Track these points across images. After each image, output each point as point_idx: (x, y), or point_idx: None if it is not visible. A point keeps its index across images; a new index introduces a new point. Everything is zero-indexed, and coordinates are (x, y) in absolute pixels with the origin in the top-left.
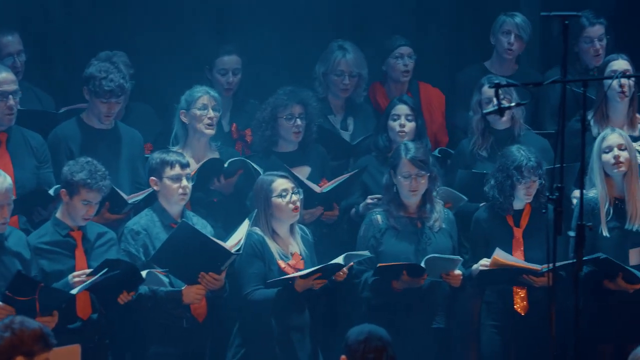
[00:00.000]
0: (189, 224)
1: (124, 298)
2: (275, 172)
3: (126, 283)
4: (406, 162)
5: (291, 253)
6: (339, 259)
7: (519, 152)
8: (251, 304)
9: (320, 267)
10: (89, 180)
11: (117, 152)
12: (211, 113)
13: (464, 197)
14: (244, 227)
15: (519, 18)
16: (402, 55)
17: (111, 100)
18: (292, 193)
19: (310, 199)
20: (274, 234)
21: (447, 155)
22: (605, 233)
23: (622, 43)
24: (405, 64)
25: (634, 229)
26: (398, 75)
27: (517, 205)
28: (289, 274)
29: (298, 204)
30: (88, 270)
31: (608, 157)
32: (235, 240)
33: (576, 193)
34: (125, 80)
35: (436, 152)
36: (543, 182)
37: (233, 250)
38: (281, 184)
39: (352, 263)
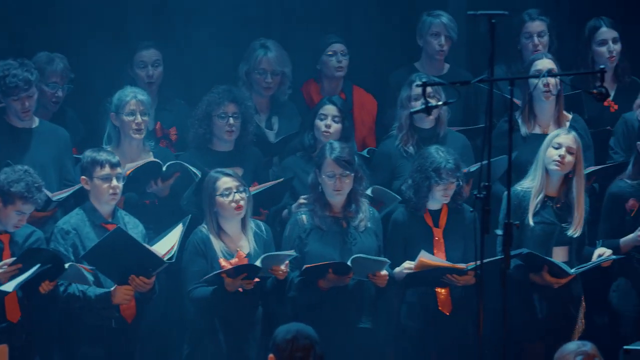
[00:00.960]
0: (124, 230)
1: (45, 287)
2: (222, 170)
3: (47, 272)
4: (330, 161)
5: (236, 251)
6: (257, 262)
7: (438, 154)
8: (192, 302)
9: (238, 267)
10: (26, 194)
11: (42, 150)
12: (139, 119)
13: (397, 197)
14: (177, 232)
15: (445, 18)
16: (336, 52)
17: (20, 95)
18: (235, 192)
19: None
20: (220, 232)
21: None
22: (531, 222)
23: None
24: (339, 61)
25: (575, 236)
26: (332, 72)
27: (434, 205)
28: None
29: (242, 202)
30: (10, 260)
31: (553, 153)
32: (168, 247)
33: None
34: (30, 72)
35: (365, 152)
36: (460, 183)
37: (165, 258)
38: (225, 182)
39: (287, 262)
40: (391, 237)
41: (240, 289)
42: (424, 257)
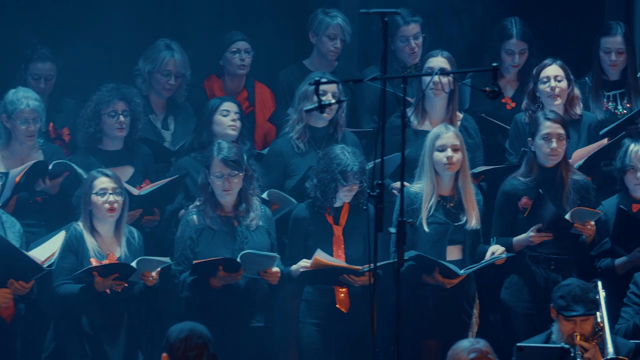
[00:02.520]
0: (3, 238)
1: None
2: (103, 170)
3: None
4: (218, 162)
5: (108, 253)
6: (133, 263)
7: (344, 155)
8: (58, 298)
9: (111, 265)
10: None
11: None
12: (32, 127)
13: (293, 200)
14: (59, 238)
15: (340, 19)
16: (239, 50)
17: None
18: (110, 193)
19: (129, 201)
20: (94, 231)
21: None
22: (426, 229)
23: (439, 41)
24: (242, 59)
25: (468, 228)
26: (234, 69)
27: (336, 203)
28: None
29: (115, 205)
30: None
31: (441, 157)
32: (49, 253)
33: (395, 185)
34: None
35: (266, 151)
36: (364, 184)
37: (45, 265)
38: (102, 182)
39: (159, 269)
40: (291, 233)
41: (108, 291)
42: (320, 256)
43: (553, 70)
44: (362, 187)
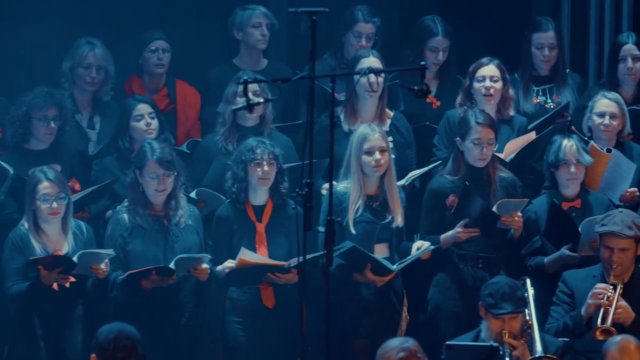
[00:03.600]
0: None
1: None
2: (45, 172)
3: None
4: (153, 163)
5: (54, 250)
6: (75, 257)
7: (252, 139)
8: (11, 299)
9: (52, 256)
10: None
11: None
12: None
13: (222, 197)
14: None
15: (262, 8)
16: (157, 49)
17: None
18: (53, 199)
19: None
20: (39, 231)
21: (196, 146)
22: (352, 230)
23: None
24: (160, 58)
25: (394, 226)
26: (152, 68)
27: (257, 200)
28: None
29: (59, 210)
30: None
31: (369, 160)
32: None
33: (326, 186)
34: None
35: (184, 147)
36: (280, 166)
37: None
38: (45, 187)
39: (107, 261)
40: (215, 232)
41: (56, 286)
42: (245, 255)
43: (489, 70)
44: (280, 175)
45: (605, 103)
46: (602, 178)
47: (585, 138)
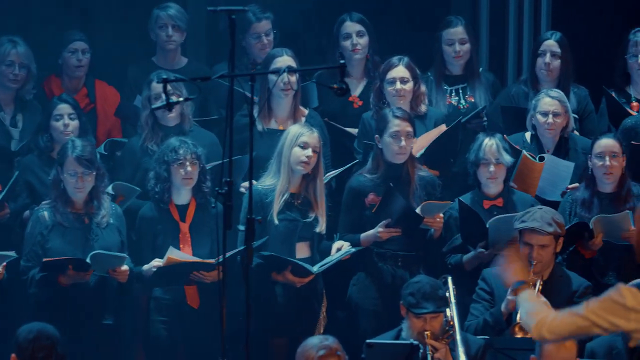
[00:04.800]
0: None
1: None
2: None
3: None
4: (72, 160)
5: None
6: None
7: (175, 139)
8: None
9: None
10: None
11: None
12: None
13: (136, 188)
14: None
15: (172, 10)
16: (77, 50)
17: None
18: None
19: None
20: None
21: (115, 146)
22: (276, 221)
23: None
24: (79, 59)
25: (317, 227)
26: (72, 69)
27: (180, 199)
28: None
29: None
30: None
31: (300, 153)
32: None
33: (245, 184)
34: None
35: (101, 149)
36: (203, 165)
37: None
38: None
39: (4, 264)
40: (139, 232)
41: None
42: (172, 254)
43: (399, 72)
44: (202, 174)
45: (548, 102)
46: (541, 179)
47: (517, 147)
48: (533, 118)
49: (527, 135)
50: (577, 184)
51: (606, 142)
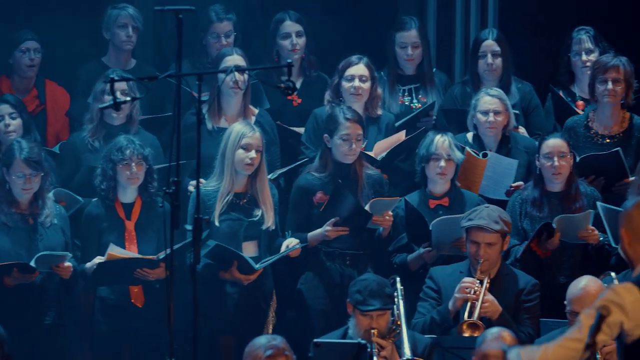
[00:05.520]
0: None
1: None
2: None
3: None
4: (20, 162)
5: None
6: None
7: (123, 138)
8: None
9: None
10: None
11: None
12: None
13: (79, 199)
14: None
15: (131, 9)
16: (29, 49)
17: None
18: None
19: None
20: None
21: None
22: (217, 223)
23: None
24: (31, 58)
25: (264, 225)
26: (24, 69)
27: (127, 198)
28: None
29: None
30: None
31: (244, 157)
32: None
33: (193, 183)
34: None
35: (56, 149)
36: (150, 166)
37: None
38: None
39: None
40: (84, 230)
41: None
42: (113, 251)
43: (358, 69)
44: (149, 175)
45: (488, 100)
46: (484, 177)
47: (461, 145)
48: (474, 118)
49: (469, 135)
50: (521, 183)
51: (554, 143)
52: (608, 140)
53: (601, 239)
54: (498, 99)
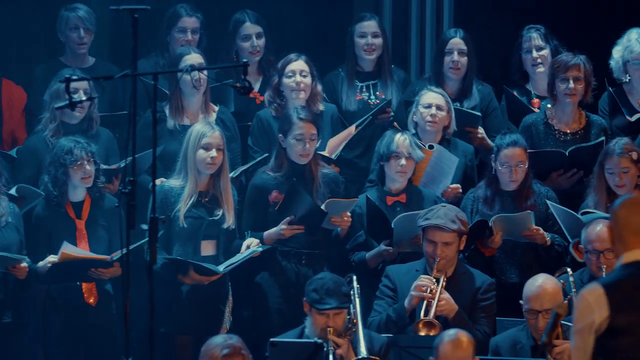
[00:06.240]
0: None
1: None
2: None
3: None
4: None
5: None
6: None
7: (67, 140)
8: None
9: None
10: None
11: None
12: None
13: (41, 192)
14: None
15: (82, 11)
16: None
17: None
18: None
19: None
20: None
21: None
22: (183, 223)
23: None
24: None
25: (224, 225)
26: None
27: (76, 197)
28: None
29: None
30: None
31: (205, 156)
32: None
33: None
34: None
35: (13, 152)
36: (98, 167)
37: None
38: None
39: None
40: (34, 231)
41: None
42: (67, 249)
43: (298, 65)
44: (97, 171)
45: (431, 95)
46: (424, 173)
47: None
48: (415, 115)
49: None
50: (458, 185)
51: (512, 153)
52: (569, 137)
53: (548, 238)
54: (441, 96)
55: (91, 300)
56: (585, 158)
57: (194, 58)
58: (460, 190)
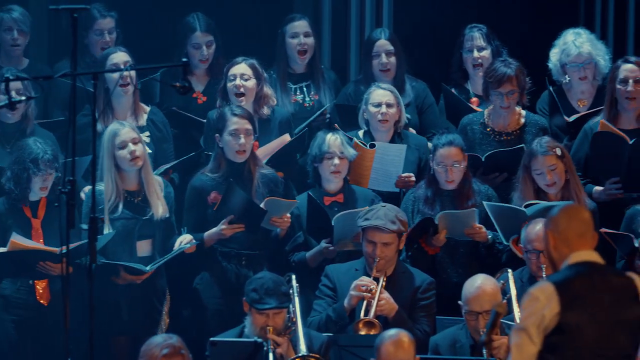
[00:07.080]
0: None
1: None
2: None
3: None
4: None
5: None
6: None
7: (36, 145)
8: None
9: None
10: None
11: None
12: None
13: None
14: None
15: (16, 13)
16: None
17: None
18: None
19: None
20: None
21: None
22: (108, 229)
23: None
24: None
25: (158, 220)
26: None
27: (32, 197)
28: None
29: None
30: None
31: (125, 154)
32: None
33: (87, 188)
34: None
35: None
36: (59, 174)
37: None
38: None
39: None
40: None
41: None
42: (16, 239)
43: (240, 68)
44: (57, 177)
45: (380, 93)
46: (373, 171)
47: (349, 136)
48: (365, 112)
49: (360, 132)
50: (411, 174)
51: (448, 152)
52: (505, 137)
53: (490, 236)
54: (390, 92)
55: (44, 300)
56: (503, 162)
57: (120, 57)
58: (414, 179)
